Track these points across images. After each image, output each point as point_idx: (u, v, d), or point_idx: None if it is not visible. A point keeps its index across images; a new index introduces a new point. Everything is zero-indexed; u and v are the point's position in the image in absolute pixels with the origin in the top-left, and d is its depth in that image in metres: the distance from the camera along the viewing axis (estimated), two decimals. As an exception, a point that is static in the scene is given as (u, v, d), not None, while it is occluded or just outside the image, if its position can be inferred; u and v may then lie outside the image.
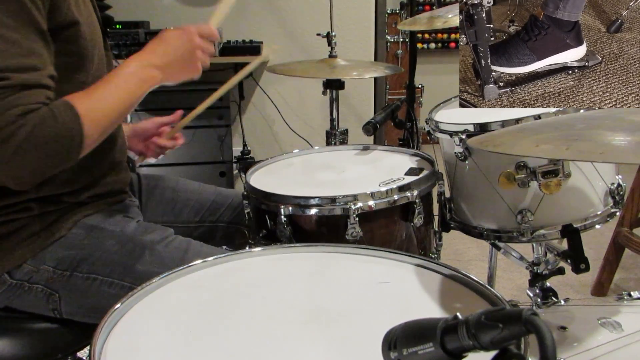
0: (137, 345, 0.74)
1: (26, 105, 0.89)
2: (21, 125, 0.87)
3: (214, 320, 0.80)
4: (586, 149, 0.74)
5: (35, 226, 1.07)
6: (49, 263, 1.08)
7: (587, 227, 1.22)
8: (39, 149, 0.89)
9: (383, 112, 1.70)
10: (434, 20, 1.80)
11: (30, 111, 0.89)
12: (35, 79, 0.92)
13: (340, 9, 2.99)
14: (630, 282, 2.51)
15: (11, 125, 0.87)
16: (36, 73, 0.92)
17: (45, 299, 1.09)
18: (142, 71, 1.03)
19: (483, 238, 1.32)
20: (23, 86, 0.90)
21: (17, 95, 0.89)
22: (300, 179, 1.41)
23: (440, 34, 5.10)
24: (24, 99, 0.89)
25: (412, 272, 0.92)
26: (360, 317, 0.80)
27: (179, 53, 1.07)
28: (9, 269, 1.07)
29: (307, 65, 2.19)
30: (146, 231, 1.16)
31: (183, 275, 0.92)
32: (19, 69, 0.90)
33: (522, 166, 1.16)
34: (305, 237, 1.19)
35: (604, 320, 1.04)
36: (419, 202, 1.21)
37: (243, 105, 3.19)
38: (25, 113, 0.88)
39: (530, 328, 0.46)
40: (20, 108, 0.88)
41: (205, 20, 1.15)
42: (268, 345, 0.73)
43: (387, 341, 0.54)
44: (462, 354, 0.50)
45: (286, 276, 0.93)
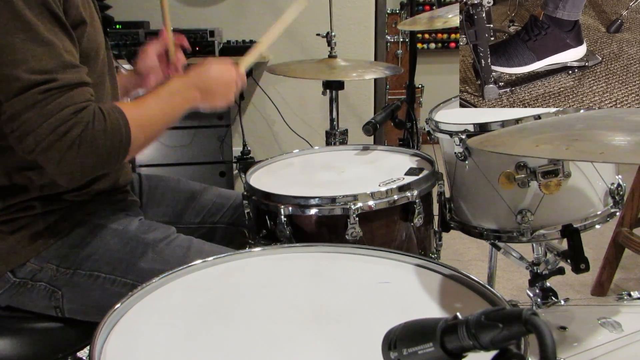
0: (137, 345, 0.74)
1: (77, 104, 0.93)
2: (76, 123, 0.92)
3: (213, 320, 0.80)
4: (586, 149, 0.74)
5: (39, 225, 1.08)
6: (52, 261, 1.09)
7: (587, 227, 1.22)
8: (92, 146, 0.93)
9: (383, 112, 1.70)
10: (434, 20, 1.80)
11: (82, 109, 0.93)
12: (78, 77, 0.96)
13: (340, 9, 2.99)
14: (630, 282, 2.51)
15: (66, 124, 0.91)
16: (77, 71, 0.96)
17: (48, 297, 1.10)
18: (186, 90, 1.11)
19: (483, 238, 1.32)
20: (70, 85, 0.93)
21: (68, 95, 0.92)
22: (300, 179, 1.41)
23: (440, 34, 5.10)
24: (74, 98, 0.93)
25: (412, 272, 0.92)
26: (360, 317, 0.80)
27: (219, 82, 1.16)
28: (12, 267, 1.08)
29: (307, 65, 2.19)
30: (149, 229, 1.16)
31: (183, 275, 0.92)
32: (61, 69, 0.93)
33: (522, 166, 1.16)
34: (305, 237, 1.19)
35: (604, 320, 1.04)
36: (419, 202, 1.21)
37: (243, 105, 3.19)
38: (78, 111, 0.92)
39: (530, 328, 0.46)
40: (72, 107, 0.92)
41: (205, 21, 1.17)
42: (268, 345, 0.73)
43: (387, 341, 0.54)
44: (462, 354, 0.50)
45: (286, 276, 0.93)
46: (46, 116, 0.90)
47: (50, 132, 0.90)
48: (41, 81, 0.91)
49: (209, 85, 1.14)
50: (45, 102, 0.90)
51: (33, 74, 0.90)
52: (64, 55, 0.94)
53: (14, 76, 0.90)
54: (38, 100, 0.90)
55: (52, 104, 0.91)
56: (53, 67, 0.92)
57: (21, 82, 0.90)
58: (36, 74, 0.91)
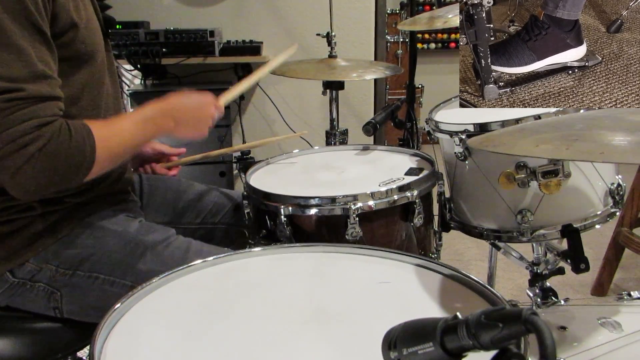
0: (137, 345, 0.74)
1: (42, 117, 0.91)
2: (37, 137, 0.90)
3: (213, 320, 0.80)
4: (586, 149, 0.74)
5: (38, 225, 1.08)
6: (51, 262, 1.09)
7: (587, 227, 1.22)
8: (50, 162, 0.92)
9: (383, 112, 1.70)
10: (434, 20, 1.80)
11: (46, 124, 0.91)
12: (48, 90, 0.94)
13: (340, 9, 2.99)
14: (630, 282, 2.51)
15: (27, 136, 0.89)
16: (48, 83, 0.94)
17: (46, 297, 1.10)
18: (160, 118, 1.10)
19: (483, 238, 1.32)
20: (38, 98, 0.92)
21: (33, 108, 0.91)
22: (300, 179, 1.41)
23: (440, 34, 5.10)
24: (40, 111, 0.91)
25: (412, 272, 0.92)
26: (360, 317, 0.80)
27: (195, 114, 1.15)
28: (11, 267, 1.08)
29: (307, 65, 2.19)
30: (148, 231, 1.16)
31: (183, 275, 0.92)
32: (31, 79, 0.91)
33: (522, 166, 1.16)
34: (305, 237, 1.19)
35: (603, 320, 1.04)
36: (419, 202, 1.21)
37: (243, 105, 3.19)
38: (42, 125, 0.91)
39: (530, 328, 0.46)
40: (36, 120, 0.90)
41: (205, 21, 1.17)
42: (268, 345, 0.73)
43: (387, 341, 0.54)
44: (462, 354, 0.50)
45: (286, 276, 0.93)
46: (6, 126, 0.89)
47: (9, 142, 0.89)
48: (6, 89, 0.89)
49: (185, 116, 1.13)
50: (8, 111, 0.89)
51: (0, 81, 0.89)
52: (36, 64, 0.92)
53: None
54: (1, 109, 0.88)
55: (15, 114, 0.89)
56: (22, 76, 0.90)
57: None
58: (3, 81, 0.89)
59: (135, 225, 1.17)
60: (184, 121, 1.13)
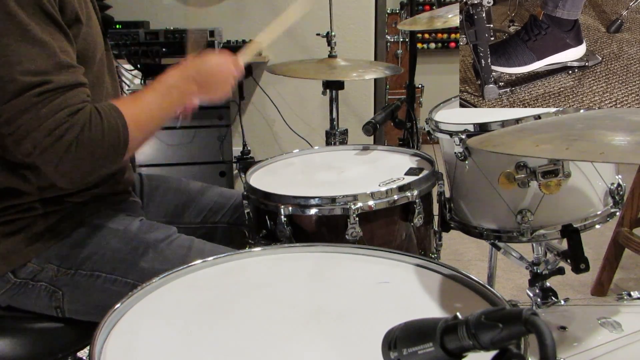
0: (137, 345, 0.74)
1: (73, 105, 0.92)
2: (72, 125, 0.91)
3: (213, 320, 0.80)
4: (586, 149, 0.74)
5: (40, 225, 1.08)
6: (53, 261, 1.09)
7: (587, 227, 1.22)
8: (88, 148, 0.93)
9: (383, 112, 1.70)
10: (434, 20, 1.80)
11: (78, 111, 0.92)
12: (74, 78, 0.95)
13: (340, 9, 2.99)
14: (630, 282, 2.51)
15: (61, 127, 0.90)
16: (72, 72, 0.95)
17: (48, 297, 1.10)
18: (183, 84, 1.09)
19: (483, 238, 1.32)
20: (66, 87, 0.93)
21: (63, 97, 0.92)
22: (300, 179, 1.41)
23: (440, 34, 5.10)
24: (70, 100, 0.92)
25: (412, 272, 0.92)
26: (360, 317, 0.80)
27: (217, 75, 1.14)
28: (13, 267, 1.08)
29: (307, 65, 2.19)
30: (150, 229, 1.16)
31: (183, 275, 0.92)
32: (56, 70, 0.92)
33: (522, 166, 1.16)
34: (305, 237, 1.19)
35: (604, 320, 1.04)
36: (419, 202, 1.21)
37: (243, 105, 3.19)
38: (74, 113, 0.92)
39: (530, 328, 0.46)
40: (67, 110, 0.91)
41: (205, 21, 1.17)
42: (268, 345, 0.73)
43: (387, 341, 0.54)
44: (462, 354, 0.50)
45: (286, 276, 0.93)
46: (42, 119, 0.90)
47: (47, 135, 0.90)
48: (36, 83, 0.90)
49: (207, 78, 1.12)
50: (40, 104, 0.90)
51: (27, 76, 0.90)
52: (59, 55, 0.94)
53: (9, 78, 0.89)
54: (33, 103, 0.89)
55: (47, 106, 0.90)
56: (48, 68, 0.91)
57: (16, 84, 0.89)
58: (31, 75, 0.90)
59: (136, 224, 1.17)
60: (207, 83, 1.11)
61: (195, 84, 1.10)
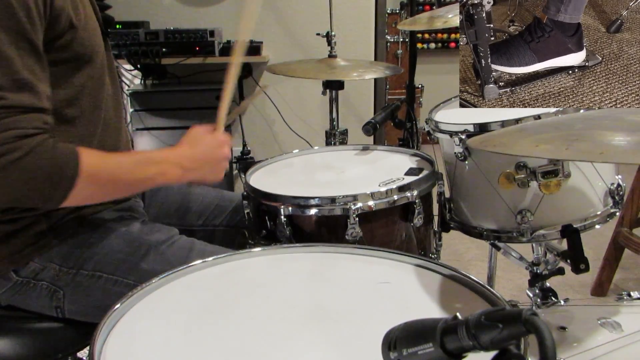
0: (137, 345, 0.74)
1: (23, 129, 0.88)
2: (14, 149, 0.87)
3: (213, 320, 0.80)
4: (586, 149, 0.74)
5: (42, 225, 1.08)
6: (55, 261, 1.09)
7: (587, 227, 1.22)
8: (25, 175, 0.88)
9: (383, 112, 1.70)
10: (434, 20, 1.80)
11: (27, 136, 0.88)
12: (32, 102, 0.91)
13: (340, 9, 2.99)
14: (630, 282, 2.51)
15: (5, 145, 0.86)
16: (33, 94, 0.91)
17: (49, 296, 1.10)
18: (165, 165, 1.05)
19: (483, 238, 1.32)
20: (20, 108, 0.89)
21: (15, 118, 0.88)
22: (300, 179, 1.41)
23: (440, 34, 5.10)
24: (22, 123, 0.88)
25: (412, 272, 0.92)
26: (360, 317, 0.80)
27: (209, 160, 1.10)
28: (15, 266, 1.08)
29: (307, 65, 2.19)
30: (151, 231, 1.17)
31: (183, 275, 0.92)
32: (14, 89, 0.89)
33: (522, 166, 1.16)
34: (305, 237, 1.19)
35: (603, 320, 1.04)
36: (418, 202, 1.21)
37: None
38: (22, 137, 0.88)
39: (530, 328, 0.46)
40: (16, 131, 0.87)
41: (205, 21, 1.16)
42: (268, 345, 0.73)
43: (387, 341, 0.54)
44: (462, 354, 0.50)
45: (286, 276, 0.93)
46: None
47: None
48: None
49: (195, 165, 1.08)
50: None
51: None
52: (21, 73, 0.89)
53: None
54: None
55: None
56: (5, 85, 0.88)
57: None
58: None
59: (138, 225, 1.17)
60: (194, 169, 1.08)
61: (180, 168, 1.06)
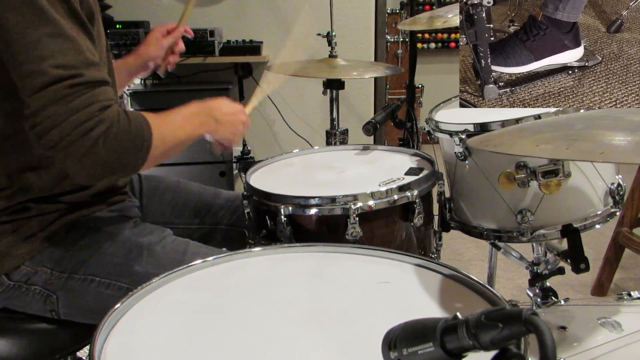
0: (137, 345, 0.74)
1: (102, 101, 0.92)
2: (101, 120, 0.91)
3: (213, 320, 0.80)
4: (586, 149, 0.74)
5: (33, 227, 1.07)
6: (47, 264, 1.08)
7: (587, 227, 1.22)
8: (114, 145, 0.92)
9: (383, 112, 1.70)
10: (434, 20, 1.80)
11: (107, 107, 0.93)
12: (102, 75, 0.95)
13: (340, 9, 2.99)
14: (630, 282, 2.51)
15: (92, 119, 0.90)
16: (99, 69, 0.96)
17: (43, 300, 1.09)
18: (205, 116, 1.14)
19: (483, 238, 1.32)
20: (95, 82, 0.93)
21: (93, 92, 0.92)
22: (300, 179, 1.41)
23: (440, 34, 5.11)
24: (100, 96, 0.93)
25: (412, 272, 0.92)
26: (360, 317, 0.80)
27: (231, 118, 1.20)
28: (7, 270, 1.07)
29: (307, 65, 2.19)
30: (143, 232, 1.16)
31: (183, 275, 0.92)
32: (86, 66, 0.93)
33: (522, 166, 1.16)
34: (305, 237, 1.19)
35: (604, 320, 1.04)
36: (419, 202, 1.21)
37: (243, 105, 3.19)
38: (103, 109, 0.92)
39: (530, 328, 0.46)
40: (98, 104, 0.92)
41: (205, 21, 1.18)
42: (268, 345, 0.73)
43: (387, 341, 0.54)
44: (462, 354, 0.50)
45: (286, 276, 0.93)
46: (72, 111, 0.89)
47: (76, 126, 0.89)
48: (67, 76, 0.90)
49: (223, 118, 1.17)
50: (72, 97, 0.90)
51: (59, 69, 0.90)
52: (86, 52, 0.94)
53: (40, 70, 0.89)
54: (64, 95, 0.89)
55: (78, 99, 0.90)
56: (78, 63, 0.92)
57: (47, 76, 0.89)
58: (62, 68, 0.90)
59: (130, 227, 1.16)
60: (222, 123, 1.16)
61: (214, 120, 1.15)
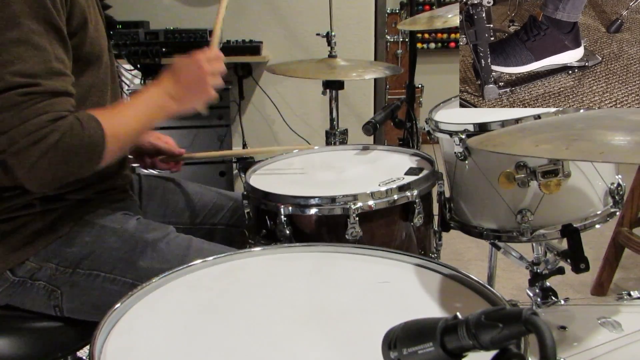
0: (137, 345, 0.74)
1: (56, 112, 0.92)
2: (52, 131, 0.91)
3: (213, 319, 0.80)
4: (586, 149, 0.74)
5: (38, 223, 1.08)
6: (51, 260, 1.09)
7: (587, 227, 1.22)
8: (64, 156, 0.93)
9: (383, 112, 1.70)
10: (434, 20, 1.80)
11: (60, 118, 0.92)
12: (63, 86, 0.95)
13: (340, 9, 2.99)
14: (630, 282, 2.51)
15: (42, 130, 0.90)
16: (62, 80, 0.96)
17: (47, 296, 1.10)
18: (160, 99, 1.09)
19: (483, 238, 1.32)
20: (53, 93, 0.93)
21: (48, 102, 0.92)
22: (300, 179, 1.41)
23: (440, 34, 5.11)
24: (55, 106, 0.92)
25: (412, 272, 0.92)
26: (360, 316, 0.80)
27: (190, 82, 1.12)
28: (11, 266, 1.08)
29: (307, 65, 2.19)
30: (148, 228, 1.16)
31: (183, 275, 0.92)
32: (46, 75, 0.93)
33: (522, 166, 1.16)
34: (305, 237, 1.19)
35: (603, 320, 1.04)
36: (418, 202, 1.21)
37: (243, 105, 3.19)
38: (56, 119, 0.92)
39: (530, 328, 0.46)
40: (51, 114, 0.91)
41: (205, 21, 1.17)
42: (268, 345, 0.73)
43: (387, 341, 0.54)
44: (462, 354, 0.50)
45: (286, 276, 0.93)
46: (22, 119, 0.90)
47: (25, 135, 0.90)
48: (23, 84, 0.90)
49: (180, 90, 1.10)
50: (24, 105, 0.90)
51: (16, 76, 0.90)
52: (52, 61, 0.94)
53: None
54: (17, 102, 0.90)
55: (30, 108, 0.90)
56: (38, 72, 0.92)
57: (3, 82, 0.90)
58: (19, 76, 0.90)
59: (133, 223, 1.17)
60: (182, 95, 1.10)
61: (172, 99, 1.10)
